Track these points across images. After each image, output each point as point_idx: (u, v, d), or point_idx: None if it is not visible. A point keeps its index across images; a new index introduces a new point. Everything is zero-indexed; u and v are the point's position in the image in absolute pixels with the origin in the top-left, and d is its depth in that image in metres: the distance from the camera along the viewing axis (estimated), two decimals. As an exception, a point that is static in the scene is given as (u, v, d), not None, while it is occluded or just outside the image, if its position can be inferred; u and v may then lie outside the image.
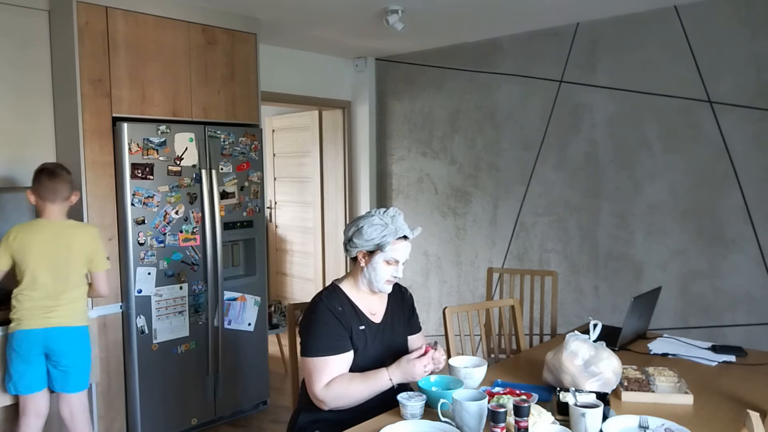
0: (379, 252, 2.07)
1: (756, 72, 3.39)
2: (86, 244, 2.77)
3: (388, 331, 2.17)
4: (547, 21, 4.02)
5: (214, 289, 3.53)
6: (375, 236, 2.05)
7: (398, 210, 2.14)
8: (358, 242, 2.08)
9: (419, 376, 1.98)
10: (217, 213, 3.51)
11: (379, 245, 2.06)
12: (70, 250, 2.73)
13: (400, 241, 2.09)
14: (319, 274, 5.57)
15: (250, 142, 3.72)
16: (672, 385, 2.03)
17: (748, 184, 3.46)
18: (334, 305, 2.08)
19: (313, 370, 1.99)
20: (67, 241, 2.73)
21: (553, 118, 4.21)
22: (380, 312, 2.19)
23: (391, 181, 5.24)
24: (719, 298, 3.58)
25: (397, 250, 2.08)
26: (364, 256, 2.10)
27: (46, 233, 2.70)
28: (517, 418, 1.64)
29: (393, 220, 2.09)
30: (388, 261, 2.08)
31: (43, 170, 2.74)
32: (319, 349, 2.00)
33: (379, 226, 2.06)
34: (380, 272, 2.09)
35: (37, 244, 2.67)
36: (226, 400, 3.67)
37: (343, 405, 2.00)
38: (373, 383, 2.00)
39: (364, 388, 1.99)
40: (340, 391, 1.98)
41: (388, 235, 2.05)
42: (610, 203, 3.98)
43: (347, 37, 4.46)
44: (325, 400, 1.98)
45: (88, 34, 3.12)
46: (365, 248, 2.08)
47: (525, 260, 4.42)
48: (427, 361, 1.99)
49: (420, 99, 4.99)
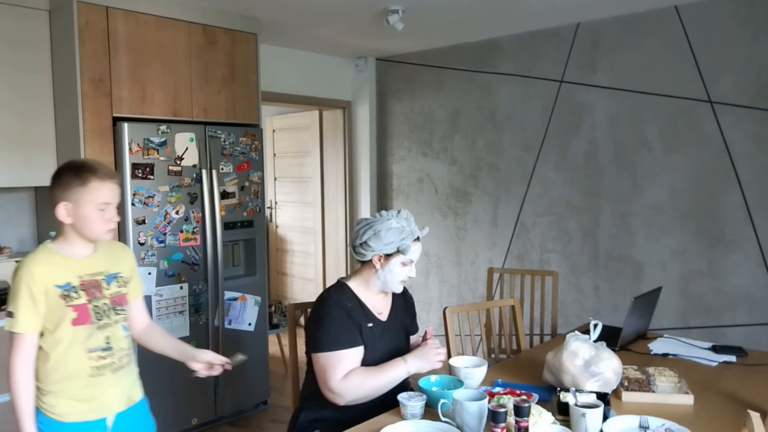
0: (398, 255, 2.09)
1: (756, 72, 3.39)
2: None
3: (392, 330, 2.18)
4: (547, 21, 4.02)
5: (215, 289, 3.53)
6: (394, 240, 2.07)
7: (408, 211, 2.17)
8: (374, 246, 2.08)
9: (435, 362, 2.04)
10: (218, 213, 3.51)
11: (399, 249, 2.08)
12: None
13: (415, 242, 2.12)
14: (320, 274, 5.57)
15: (251, 142, 3.72)
16: (672, 385, 2.03)
17: (748, 184, 3.45)
18: (343, 301, 2.09)
19: (327, 365, 1.99)
20: None
21: (554, 118, 4.20)
22: (386, 311, 2.20)
23: (392, 181, 5.24)
24: (720, 298, 3.58)
25: (414, 251, 2.11)
26: (380, 259, 2.10)
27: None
28: (517, 418, 1.64)
29: (408, 223, 2.12)
30: (405, 263, 2.11)
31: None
32: (332, 344, 2.00)
33: (398, 230, 2.07)
34: (396, 274, 2.11)
35: None
36: (227, 400, 3.67)
37: (360, 397, 2.00)
38: (389, 373, 2.02)
39: (381, 379, 2.01)
40: (357, 382, 1.98)
41: (407, 237, 2.08)
42: (610, 203, 3.97)
43: (347, 37, 4.46)
44: (342, 393, 1.98)
45: (89, 34, 3.12)
46: (383, 252, 2.09)
47: (525, 260, 4.42)
48: (438, 346, 2.07)
49: (420, 99, 4.98)
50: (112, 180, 1.81)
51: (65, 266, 1.79)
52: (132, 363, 1.99)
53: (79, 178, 1.76)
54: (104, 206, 1.78)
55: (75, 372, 1.80)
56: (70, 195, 1.75)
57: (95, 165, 1.81)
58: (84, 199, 1.75)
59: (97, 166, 1.80)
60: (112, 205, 1.81)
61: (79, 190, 1.75)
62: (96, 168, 1.79)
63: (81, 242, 1.82)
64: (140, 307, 2.07)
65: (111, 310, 1.87)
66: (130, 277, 1.96)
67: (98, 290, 1.84)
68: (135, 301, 2.02)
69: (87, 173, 1.77)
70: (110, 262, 1.90)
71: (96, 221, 1.78)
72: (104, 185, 1.78)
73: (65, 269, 1.79)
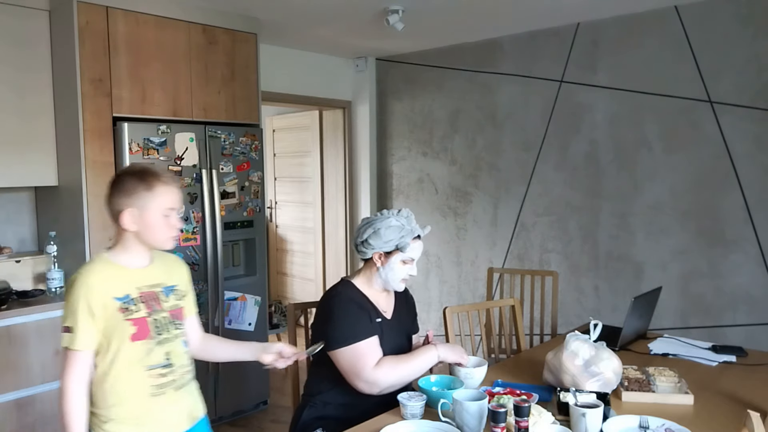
0: (397, 252, 2.10)
1: (756, 72, 3.39)
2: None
3: (396, 329, 2.20)
4: (547, 21, 4.02)
5: (215, 289, 3.53)
6: (393, 237, 2.08)
7: (409, 210, 2.18)
8: (375, 243, 2.09)
9: (462, 356, 2.08)
10: (218, 213, 3.51)
11: (398, 246, 2.09)
12: None
13: (415, 240, 2.13)
14: (320, 274, 5.57)
15: (251, 141, 3.72)
16: (672, 385, 2.03)
17: (748, 184, 3.45)
18: (354, 296, 2.11)
19: (355, 358, 1.99)
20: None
21: (554, 118, 4.20)
22: (390, 310, 2.22)
23: (392, 181, 5.24)
24: (720, 298, 3.58)
25: (414, 249, 2.12)
26: (381, 257, 2.12)
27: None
28: (517, 418, 1.64)
29: (408, 221, 2.13)
30: (405, 261, 2.12)
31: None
32: (353, 336, 2.01)
33: (397, 228, 2.09)
34: (397, 272, 2.12)
35: None
36: (227, 400, 3.67)
37: (394, 384, 2.02)
38: (421, 358, 2.06)
39: (414, 364, 2.04)
40: (390, 369, 2.00)
41: (406, 235, 2.09)
42: (610, 203, 3.97)
43: (347, 37, 4.46)
44: (377, 380, 1.98)
45: (89, 34, 3.12)
46: (383, 249, 2.10)
47: (525, 260, 4.42)
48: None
49: (420, 99, 4.98)
50: (176, 185, 1.75)
51: (124, 277, 1.69)
52: (194, 380, 1.87)
53: (144, 183, 1.68)
54: (169, 212, 1.71)
55: (134, 392, 1.69)
56: (136, 201, 1.66)
57: (158, 170, 1.74)
58: (150, 204, 1.67)
59: (159, 171, 1.73)
60: (176, 210, 1.74)
61: (145, 195, 1.67)
62: (159, 173, 1.72)
63: (141, 251, 1.73)
64: (195, 323, 1.96)
65: (170, 323, 1.76)
66: (186, 290, 1.87)
67: (157, 303, 1.73)
68: (191, 316, 1.91)
69: (152, 178, 1.69)
70: (166, 274, 1.81)
71: (162, 227, 1.70)
72: (169, 190, 1.71)
73: (124, 280, 1.68)
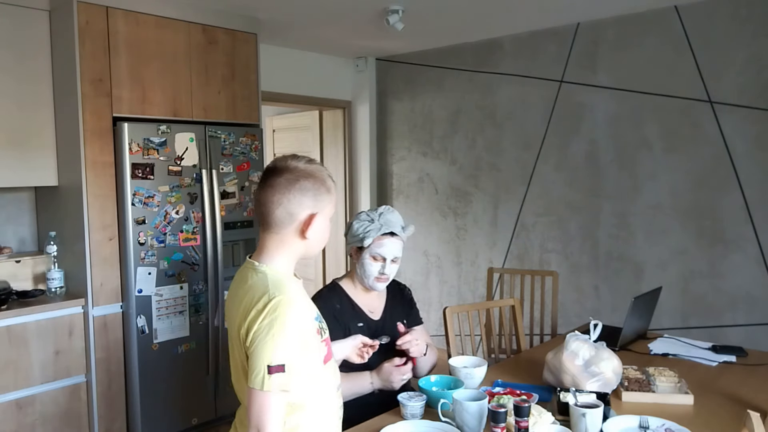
0: (367, 248, 2.11)
1: (756, 72, 3.39)
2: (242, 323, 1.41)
3: (387, 329, 2.18)
4: (547, 21, 4.02)
5: (215, 289, 3.53)
6: (360, 232, 2.11)
7: (391, 208, 2.18)
8: (349, 239, 2.15)
9: (396, 385, 2.01)
10: (218, 213, 3.51)
11: (362, 240, 2.10)
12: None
13: (386, 237, 2.11)
14: (320, 274, 5.57)
15: (251, 141, 3.72)
16: (672, 385, 2.03)
17: (748, 184, 3.45)
18: (332, 303, 2.10)
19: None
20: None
21: (554, 118, 4.20)
22: (379, 309, 2.21)
23: (392, 181, 5.24)
24: (720, 298, 3.58)
25: (383, 246, 2.10)
26: (355, 252, 2.16)
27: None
28: (517, 418, 1.64)
29: (380, 217, 2.13)
30: (374, 257, 2.11)
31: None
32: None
33: (365, 222, 2.12)
34: (367, 268, 2.12)
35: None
36: (227, 400, 3.67)
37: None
38: (354, 383, 2.02)
39: (345, 388, 1.93)
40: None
41: (371, 230, 2.09)
42: (610, 203, 3.97)
43: (347, 37, 4.46)
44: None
45: (89, 34, 3.12)
46: (354, 244, 2.14)
47: (525, 260, 4.42)
48: (405, 371, 2.02)
49: (420, 99, 4.98)
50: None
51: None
52: None
53: (324, 184, 1.43)
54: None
55: (329, 421, 1.47)
56: (318, 204, 1.42)
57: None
58: (328, 209, 1.45)
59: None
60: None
61: (326, 198, 1.43)
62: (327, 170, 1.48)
63: (295, 262, 1.46)
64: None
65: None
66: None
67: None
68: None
69: (327, 178, 1.44)
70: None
71: (326, 237, 1.47)
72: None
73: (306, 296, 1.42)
